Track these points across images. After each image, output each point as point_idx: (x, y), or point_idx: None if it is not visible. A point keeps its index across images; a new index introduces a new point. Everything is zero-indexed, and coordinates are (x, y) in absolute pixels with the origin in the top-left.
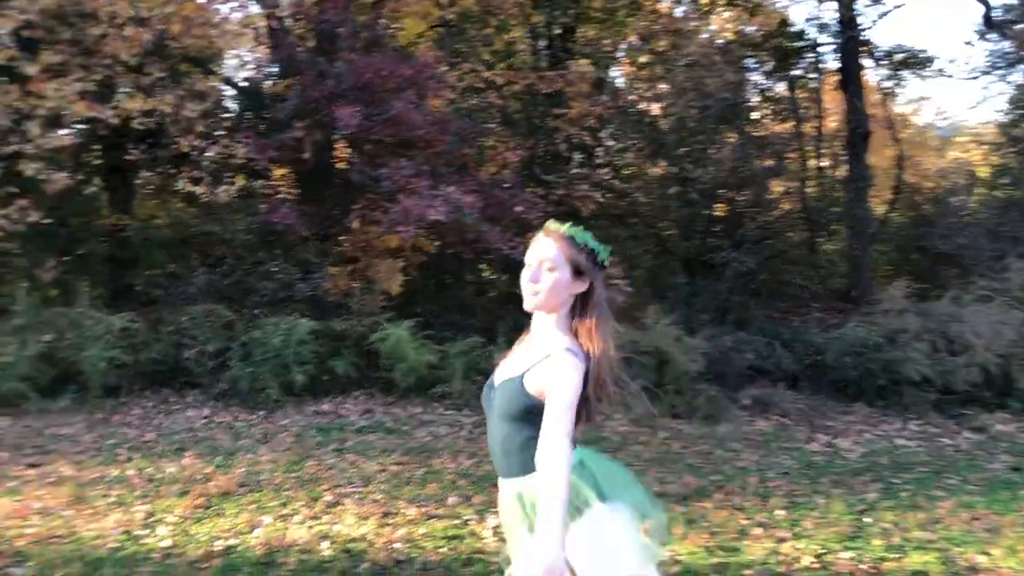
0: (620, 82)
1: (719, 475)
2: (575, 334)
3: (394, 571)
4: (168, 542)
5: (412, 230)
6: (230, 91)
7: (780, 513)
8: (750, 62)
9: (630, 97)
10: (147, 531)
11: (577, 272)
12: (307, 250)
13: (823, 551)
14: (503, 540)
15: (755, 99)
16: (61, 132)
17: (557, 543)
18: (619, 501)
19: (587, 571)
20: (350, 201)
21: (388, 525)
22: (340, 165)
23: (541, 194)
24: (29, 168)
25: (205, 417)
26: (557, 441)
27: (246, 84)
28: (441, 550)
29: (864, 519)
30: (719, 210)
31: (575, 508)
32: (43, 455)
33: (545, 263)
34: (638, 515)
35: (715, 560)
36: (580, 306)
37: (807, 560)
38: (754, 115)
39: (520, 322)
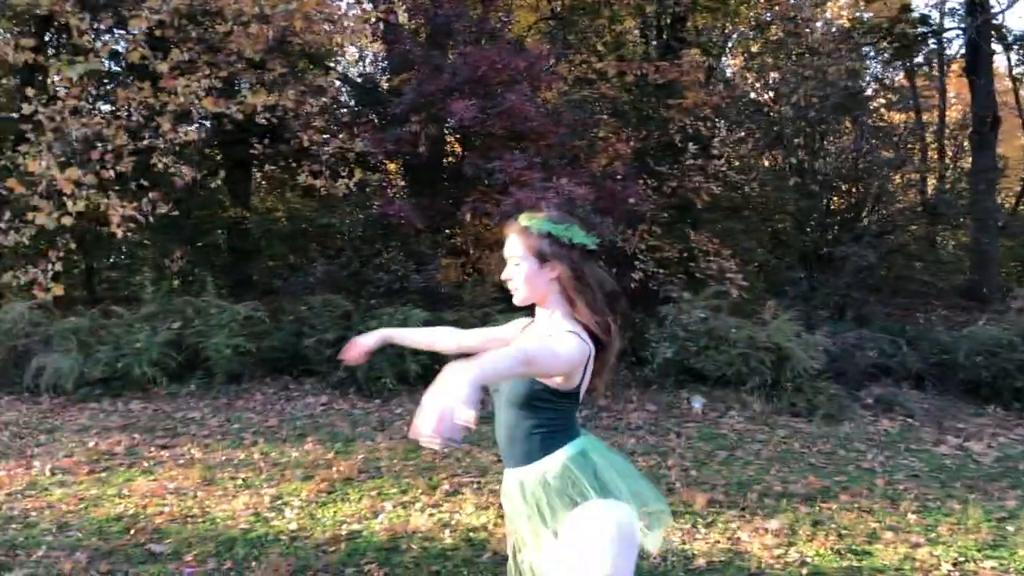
0: (729, 71)
1: (843, 476)
2: (576, 319)
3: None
4: (295, 525)
5: None
6: (346, 86)
7: (912, 517)
8: (866, 50)
9: (744, 87)
10: (274, 513)
11: (543, 260)
12: (420, 242)
13: (962, 559)
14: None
15: (872, 88)
16: (189, 128)
17: (472, 386)
18: (617, 494)
19: (577, 561)
20: (462, 194)
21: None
22: (449, 159)
23: (654, 186)
24: (161, 162)
25: (324, 404)
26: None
27: (359, 79)
28: None
29: (1006, 527)
30: (837, 203)
31: (570, 499)
32: (173, 437)
33: (512, 259)
34: (638, 506)
35: (845, 564)
36: (567, 290)
37: (946, 567)
38: (872, 104)
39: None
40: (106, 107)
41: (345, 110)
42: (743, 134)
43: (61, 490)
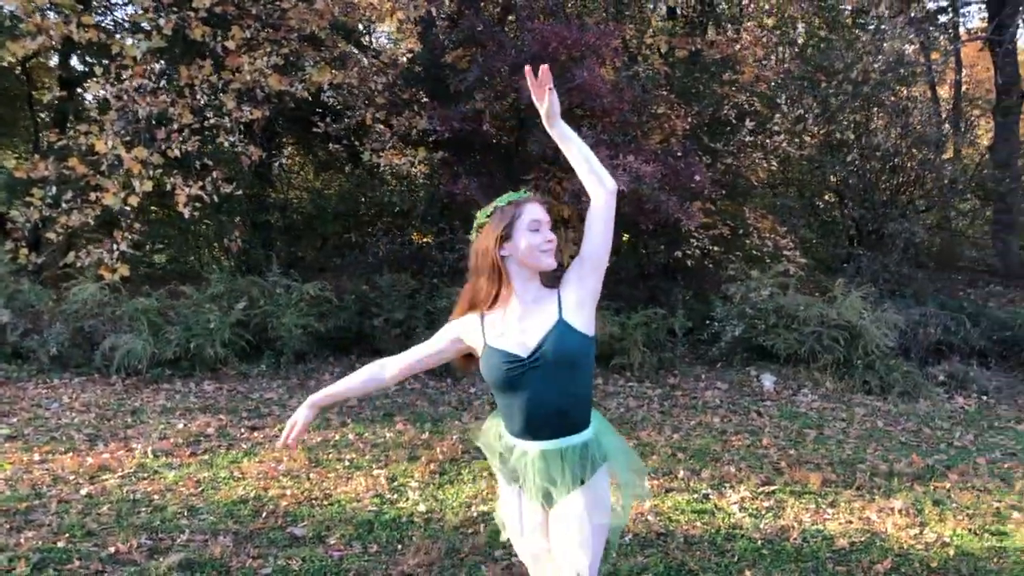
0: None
1: (942, 455)
2: None
3: (659, 543)
4: (423, 507)
5: None
6: (407, 63)
7: None
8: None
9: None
10: (397, 495)
11: None
12: None
13: None
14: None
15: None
16: (252, 107)
17: None
18: (616, 463)
19: (590, 522)
20: (522, 172)
21: None
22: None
23: (708, 163)
24: (227, 141)
25: (397, 385)
26: None
27: (412, 55)
28: (696, 524)
29: None
30: (885, 179)
31: (587, 467)
32: (259, 418)
33: (547, 224)
34: (636, 479)
35: (987, 544)
36: None
37: None
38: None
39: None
40: (167, 84)
41: (408, 87)
42: (802, 111)
43: (173, 472)
